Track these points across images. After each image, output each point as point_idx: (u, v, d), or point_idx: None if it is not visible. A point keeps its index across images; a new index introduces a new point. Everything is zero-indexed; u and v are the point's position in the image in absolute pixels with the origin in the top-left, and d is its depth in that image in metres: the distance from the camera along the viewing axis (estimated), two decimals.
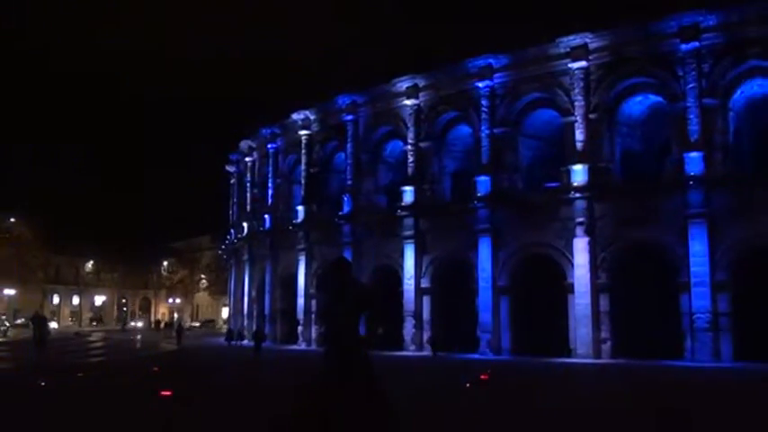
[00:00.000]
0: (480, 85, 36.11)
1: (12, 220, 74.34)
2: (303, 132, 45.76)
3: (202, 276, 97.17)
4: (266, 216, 49.44)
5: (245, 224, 53.79)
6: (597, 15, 32.61)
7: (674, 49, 30.91)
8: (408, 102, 39.27)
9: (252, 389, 17.40)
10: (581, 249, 32.20)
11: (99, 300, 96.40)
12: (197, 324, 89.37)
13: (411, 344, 37.38)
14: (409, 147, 39.29)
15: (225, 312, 78.92)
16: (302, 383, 7.98)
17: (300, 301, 44.53)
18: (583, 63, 33.02)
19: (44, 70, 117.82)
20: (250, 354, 34.21)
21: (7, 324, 62.03)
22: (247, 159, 54.67)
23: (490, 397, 16.04)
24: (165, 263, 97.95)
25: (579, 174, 32.62)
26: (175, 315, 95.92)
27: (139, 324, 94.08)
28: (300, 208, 45.54)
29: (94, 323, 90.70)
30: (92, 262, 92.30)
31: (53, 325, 66.77)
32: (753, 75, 30.49)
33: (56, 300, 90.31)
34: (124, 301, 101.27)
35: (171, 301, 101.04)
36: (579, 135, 32.88)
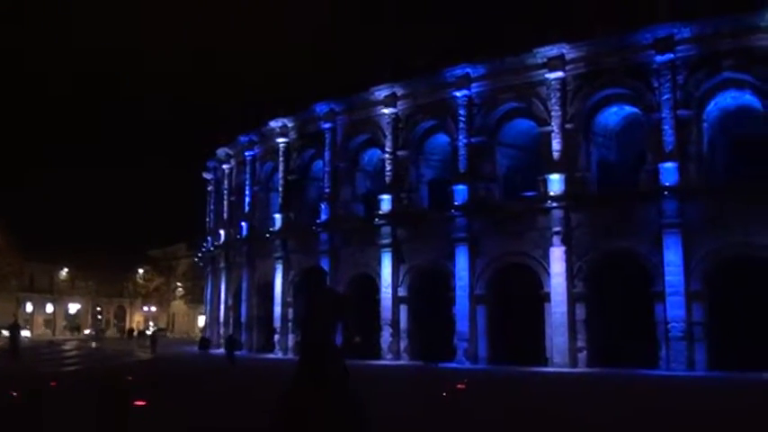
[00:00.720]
0: (458, 94, 36.25)
1: None
2: (281, 140, 45.65)
3: (178, 285, 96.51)
4: (243, 224, 49.22)
5: (221, 232, 53.53)
6: (574, 26, 32.73)
7: (650, 61, 31.24)
8: (386, 110, 39.32)
9: (226, 397, 17.26)
10: (557, 258, 32.36)
11: (73, 308, 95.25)
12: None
13: (388, 352, 37.32)
14: (387, 155, 39.32)
15: (201, 321, 78.39)
16: (282, 393, 7.93)
17: (277, 309, 44.31)
18: (559, 73, 33.26)
19: (14, 69, 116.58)
20: (224, 362, 34.00)
21: None
22: (224, 166, 54.45)
23: (467, 406, 16.04)
24: (141, 271, 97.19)
25: (556, 183, 32.82)
26: (150, 323, 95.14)
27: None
28: (277, 216, 45.38)
29: (72, 332, 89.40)
30: (66, 269, 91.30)
31: (26, 333, 66.00)
32: (726, 86, 30.88)
33: (29, 308, 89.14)
34: (99, 309, 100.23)
35: (146, 309, 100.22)
36: (556, 145, 33.09)
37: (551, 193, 32.74)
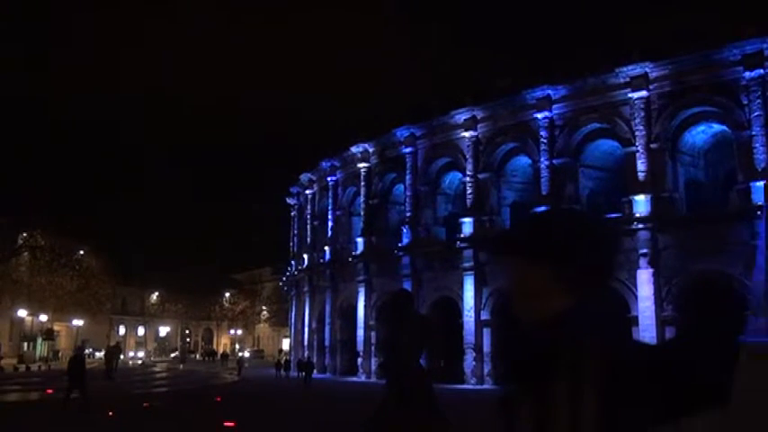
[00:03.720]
0: (539, 116, 36.01)
1: (81, 252, 76.45)
2: (362, 165, 46.21)
3: (263, 308, 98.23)
4: (326, 248, 49.88)
5: (305, 256, 54.33)
6: (657, 44, 32.17)
7: (738, 77, 30.36)
8: (466, 133, 39.35)
9: (308, 418, 17.50)
10: (645, 281, 31.58)
11: (163, 330, 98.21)
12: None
13: (471, 377, 37.01)
14: (468, 178, 39.30)
15: (285, 344, 79.56)
16: (369, 417, 8.06)
17: (360, 332, 44.61)
18: (643, 93, 32.67)
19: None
20: (301, 385, 34.70)
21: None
22: (307, 192, 55.41)
23: None
24: (227, 294, 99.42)
25: (642, 204, 32.14)
26: (236, 346, 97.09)
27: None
28: (359, 240, 45.83)
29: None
30: (157, 293, 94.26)
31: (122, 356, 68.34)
32: None
33: (122, 330, 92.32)
34: (188, 331, 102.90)
35: (232, 332, 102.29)
36: (641, 165, 32.44)
37: (637, 215, 32.05)
